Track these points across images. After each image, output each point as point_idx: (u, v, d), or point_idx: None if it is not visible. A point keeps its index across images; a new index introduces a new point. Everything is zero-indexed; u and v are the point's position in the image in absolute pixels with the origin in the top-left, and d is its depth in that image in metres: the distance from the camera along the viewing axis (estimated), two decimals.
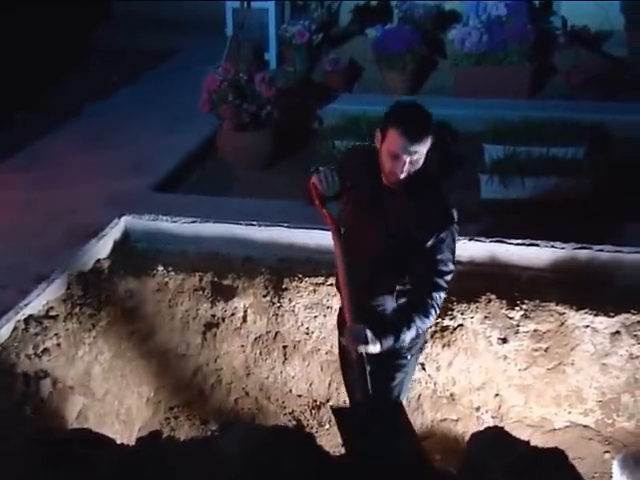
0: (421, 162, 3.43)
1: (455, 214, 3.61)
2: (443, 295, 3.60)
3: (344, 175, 3.67)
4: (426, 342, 4.36)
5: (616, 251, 5.13)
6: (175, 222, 5.66)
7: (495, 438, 2.53)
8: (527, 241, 5.25)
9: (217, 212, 5.79)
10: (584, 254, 5.16)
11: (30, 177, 6.36)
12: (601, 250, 5.15)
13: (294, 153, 7.35)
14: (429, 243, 3.52)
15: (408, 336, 3.59)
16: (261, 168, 7.05)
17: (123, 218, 5.67)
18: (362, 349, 3.45)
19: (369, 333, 3.44)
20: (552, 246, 5.22)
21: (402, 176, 3.42)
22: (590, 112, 7.51)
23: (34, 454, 3.02)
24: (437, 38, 9.07)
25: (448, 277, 3.59)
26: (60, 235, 5.40)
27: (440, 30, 9.14)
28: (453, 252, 3.60)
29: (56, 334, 4.61)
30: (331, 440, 5.19)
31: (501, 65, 8.28)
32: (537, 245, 5.24)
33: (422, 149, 3.39)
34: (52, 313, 4.74)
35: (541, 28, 8.68)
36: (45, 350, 4.50)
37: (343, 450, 5.05)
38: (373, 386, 3.54)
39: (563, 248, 5.19)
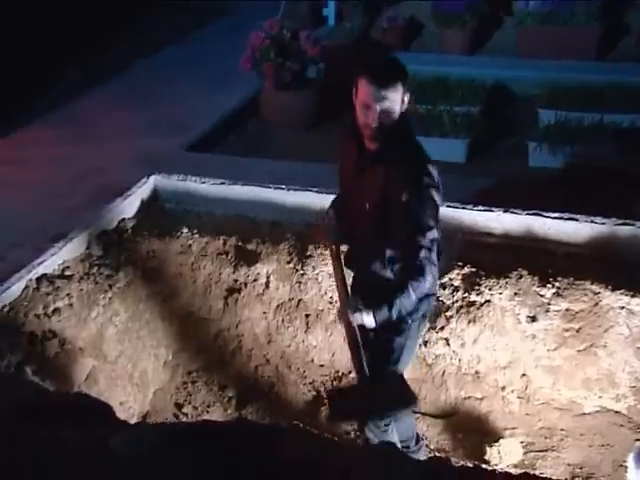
0: (396, 112, 3.34)
1: (434, 171, 3.44)
2: (428, 254, 3.37)
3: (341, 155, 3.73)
4: (431, 310, 4.11)
5: None
6: (204, 183, 5.56)
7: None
8: (565, 215, 4.98)
9: (249, 173, 5.68)
10: (626, 230, 4.87)
11: (64, 134, 6.35)
12: None
13: (342, 113, 7.12)
14: (404, 200, 3.37)
15: (405, 303, 3.40)
16: (305, 128, 6.87)
17: (152, 177, 5.60)
18: (357, 319, 3.39)
19: (361, 305, 3.39)
20: (592, 221, 4.93)
21: (374, 125, 3.34)
22: None
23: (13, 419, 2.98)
24: None
25: (429, 234, 3.37)
26: (86, 193, 5.37)
27: None
28: (432, 210, 3.42)
29: (68, 294, 4.56)
30: None
31: (567, 25, 7.84)
32: (576, 220, 4.96)
33: (392, 95, 3.31)
34: (67, 273, 4.70)
35: None
36: (56, 310, 4.46)
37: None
38: (373, 350, 3.56)
39: (603, 224, 4.90)
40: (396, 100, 3.32)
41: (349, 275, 3.91)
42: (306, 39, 6.69)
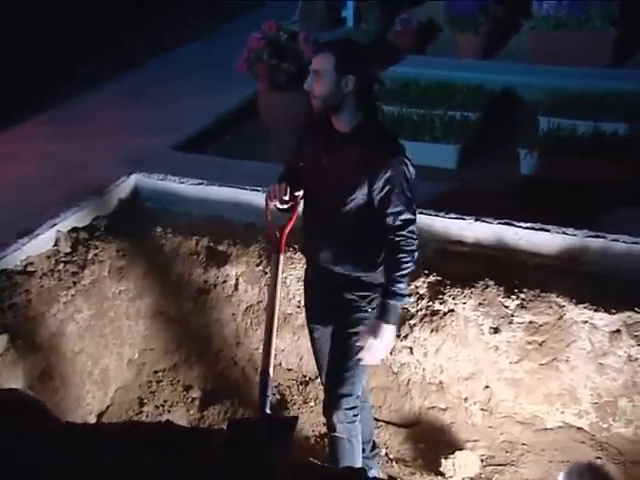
0: (326, 82, 3.39)
1: (406, 153, 3.44)
2: (410, 246, 3.46)
3: (301, 146, 3.75)
4: None
5: (633, 242, 4.64)
6: (182, 183, 5.56)
7: None
8: (537, 225, 4.84)
9: (230, 175, 5.66)
10: (597, 243, 4.70)
11: (59, 130, 6.42)
12: (616, 240, 4.67)
13: None
14: (378, 185, 3.40)
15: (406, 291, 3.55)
16: None
17: (133, 176, 5.63)
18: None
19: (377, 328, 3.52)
20: (563, 232, 4.78)
21: (306, 88, 3.47)
22: None
23: None
24: None
25: (408, 216, 3.44)
26: (64, 190, 5.41)
27: None
28: (409, 193, 3.43)
29: (27, 290, 4.60)
30: (313, 418, 5.02)
31: (581, 30, 7.64)
32: (547, 230, 4.81)
33: (322, 62, 3.40)
34: (30, 269, 4.72)
35: None
36: (11, 306, 4.49)
37: (324, 429, 4.92)
38: (337, 340, 3.75)
39: (575, 235, 4.75)
40: (324, 69, 3.38)
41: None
42: (304, 40, 6.64)
